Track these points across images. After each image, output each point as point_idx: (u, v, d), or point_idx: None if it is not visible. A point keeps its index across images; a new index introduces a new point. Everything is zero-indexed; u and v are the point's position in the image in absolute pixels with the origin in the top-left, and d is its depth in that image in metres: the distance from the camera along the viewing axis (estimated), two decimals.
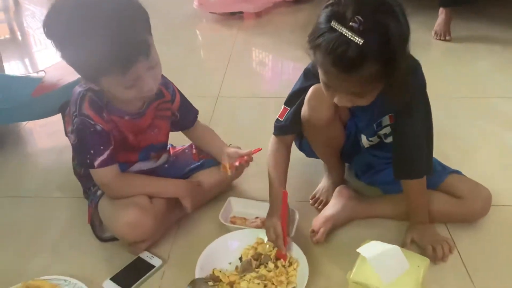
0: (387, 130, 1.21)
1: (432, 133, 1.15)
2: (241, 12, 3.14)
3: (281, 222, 1.11)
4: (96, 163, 1.11)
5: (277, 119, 1.25)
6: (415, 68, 1.06)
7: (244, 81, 2.34)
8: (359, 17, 0.86)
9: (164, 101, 1.23)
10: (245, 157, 1.23)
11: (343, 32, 0.87)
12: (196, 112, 1.35)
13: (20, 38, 3.28)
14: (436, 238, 1.16)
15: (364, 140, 1.27)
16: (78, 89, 1.13)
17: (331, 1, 0.92)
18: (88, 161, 1.11)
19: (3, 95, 1.56)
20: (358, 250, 1.00)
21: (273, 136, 1.28)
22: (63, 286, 1.05)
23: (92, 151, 1.11)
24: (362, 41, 0.86)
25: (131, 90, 1.04)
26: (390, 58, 0.90)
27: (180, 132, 1.38)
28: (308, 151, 1.39)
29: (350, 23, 0.87)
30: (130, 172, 1.24)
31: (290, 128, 1.24)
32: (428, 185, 1.18)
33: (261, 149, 1.24)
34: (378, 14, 0.88)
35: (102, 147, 1.11)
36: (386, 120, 1.19)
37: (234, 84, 2.24)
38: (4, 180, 1.55)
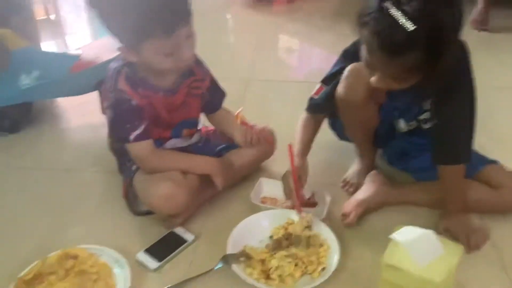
0: (427, 115, 1.19)
1: (474, 120, 1.13)
2: None
3: (292, 176, 1.17)
4: (131, 137, 1.13)
5: (311, 96, 1.27)
6: (462, 52, 1.04)
7: (275, 65, 2.33)
8: (415, 3, 0.84)
9: (196, 79, 1.25)
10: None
11: (395, 15, 0.86)
12: (223, 94, 1.36)
13: (54, 19, 3.34)
14: (470, 227, 1.14)
15: (402, 124, 1.25)
16: (114, 64, 1.16)
17: None
18: (124, 135, 1.14)
19: (42, 70, 1.60)
20: (391, 236, 0.99)
21: (304, 112, 1.29)
22: (99, 255, 1.08)
23: (128, 126, 1.13)
24: (413, 28, 0.85)
25: (169, 58, 1.06)
26: (437, 50, 0.88)
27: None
28: (341, 132, 1.38)
29: (404, 7, 0.85)
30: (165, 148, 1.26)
31: (323, 107, 1.25)
32: (465, 174, 1.16)
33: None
34: (434, 3, 0.86)
35: (137, 122, 1.14)
36: (427, 104, 1.17)
37: (265, 68, 2.23)
38: (41, 153, 1.60)
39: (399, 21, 0.85)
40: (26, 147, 1.63)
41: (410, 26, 0.85)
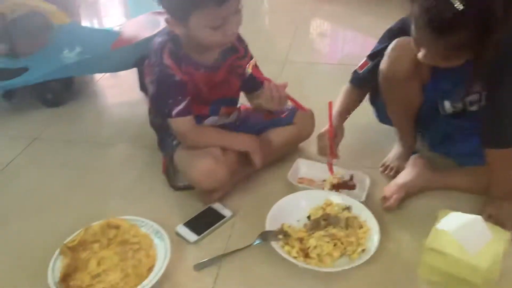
0: (474, 97, 1.15)
1: None
2: None
3: (329, 133, 1.20)
4: (174, 113, 1.14)
5: (356, 70, 1.28)
6: None
7: (312, 47, 2.30)
8: None
9: (238, 57, 1.24)
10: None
11: None
12: (264, 78, 1.32)
13: None
14: None
15: (447, 106, 1.21)
16: (158, 39, 1.16)
17: None
18: (166, 110, 1.15)
19: (84, 46, 1.63)
20: (438, 225, 0.97)
21: (347, 84, 1.31)
22: (140, 226, 1.10)
23: (170, 101, 1.14)
24: (462, 7, 0.84)
25: (216, 31, 1.05)
26: (485, 30, 0.86)
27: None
28: (381, 113, 1.36)
29: None
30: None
31: (367, 81, 1.24)
32: None
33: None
34: None
35: (180, 97, 1.14)
36: (476, 86, 1.13)
37: (301, 50, 2.21)
38: (82, 128, 1.64)
39: None
40: (68, 121, 1.67)
41: (459, 5, 0.84)
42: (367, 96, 1.38)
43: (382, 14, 2.45)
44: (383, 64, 1.17)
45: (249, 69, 1.16)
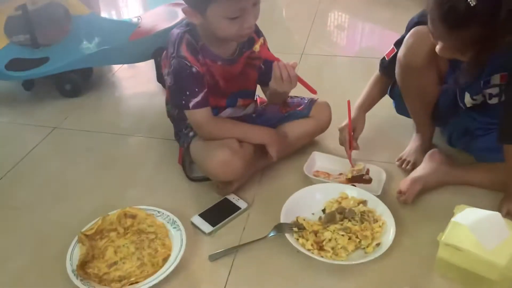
0: (494, 90, 1.13)
1: None
2: None
3: (348, 127, 1.25)
4: (191, 104, 1.14)
5: (383, 57, 1.29)
6: None
7: (329, 40, 2.28)
8: None
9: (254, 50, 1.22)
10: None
11: None
12: None
13: None
14: None
15: (467, 98, 1.19)
16: (176, 30, 1.16)
17: None
18: (183, 102, 1.15)
19: (103, 37, 1.65)
20: (454, 219, 0.96)
21: (376, 72, 1.34)
22: (156, 216, 1.12)
23: (187, 93, 1.14)
24: (475, 3, 0.84)
25: (234, 23, 1.05)
26: (495, 26, 0.86)
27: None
28: (398, 102, 1.36)
29: None
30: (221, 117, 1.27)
31: (392, 68, 1.23)
32: None
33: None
34: None
35: (197, 89, 1.14)
36: (496, 78, 1.11)
37: (319, 43, 2.19)
38: (100, 118, 1.66)
39: None
40: (86, 111, 1.70)
41: (472, 1, 0.84)
42: None
43: (401, 7, 2.42)
44: (400, 52, 1.17)
45: (257, 48, 1.13)
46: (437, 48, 1.00)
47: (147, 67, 1.85)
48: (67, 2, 1.61)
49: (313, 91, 1.15)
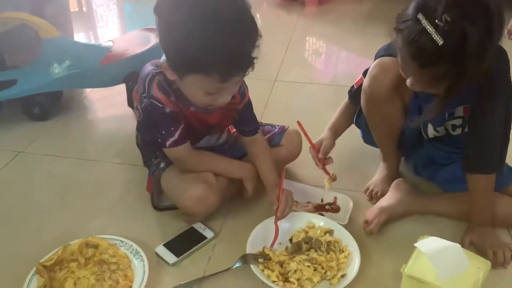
0: (457, 121, 1.16)
1: (509, 131, 1.10)
2: None
3: (310, 145, 1.28)
4: (167, 143, 1.11)
5: (353, 86, 1.32)
6: (498, 56, 1.01)
7: (302, 67, 2.32)
8: (447, 17, 0.85)
9: (233, 102, 1.15)
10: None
11: (427, 28, 0.87)
12: (256, 126, 1.25)
13: (86, 12, 3.41)
14: (497, 243, 1.11)
15: (430, 130, 1.22)
16: (149, 67, 1.10)
17: None
18: (160, 139, 1.11)
19: (73, 61, 1.63)
20: (416, 244, 0.97)
21: (346, 100, 1.37)
22: (119, 246, 1.09)
23: (163, 132, 1.10)
24: (442, 42, 0.86)
25: (208, 96, 1.00)
26: (463, 62, 0.88)
27: None
28: (365, 132, 1.38)
29: (437, 21, 0.86)
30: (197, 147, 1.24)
31: (359, 97, 1.25)
32: (495, 187, 1.12)
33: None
34: (467, 19, 0.85)
35: (172, 128, 1.10)
36: (459, 111, 1.14)
37: (292, 69, 2.22)
38: (68, 142, 1.63)
39: (431, 34, 0.86)
40: (54, 135, 1.66)
41: (439, 40, 0.86)
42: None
43: (373, 36, 2.49)
44: (365, 82, 1.19)
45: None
46: (408, 82, 1.01)
47: (120, 90, 1.84)
48: (38, 25, 1.59)
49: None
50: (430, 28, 0.87)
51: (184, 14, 0.89)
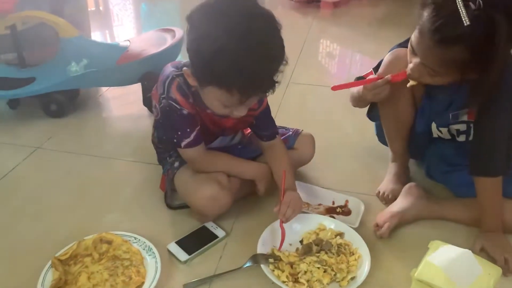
0: (461, 126, 1.16)
1: None
2: (318, 1, 3.11)
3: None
4: (183, 144, 1.13)
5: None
6: (508, 64, 1.00)
7: (316, 69, 2.32)
8: (481, 2, 0.84)
9: (251, 108, 1.13)
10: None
11: (458, 4, 0.86)
12: (274, 131, 1.26)
13: (103, 10, 3.46)
14: (508, 249, 1.10)
15: (433, 128, 1.22)
16: (169, 68, 1.12)
17: None
18: (175, 140, 1.13)
19: (91, 59, 1.66)
20: (428, 258, 0.97)
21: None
22: (133, 242, 1.11)
23: (179, 133, 1.12)
24: (468, 23, 0.85)
25: (226, 108, 1.01)
26: (483, 55, 0.87)
27: None
28: (379, 129, 1.38)
29: (470, 1, 0.85)
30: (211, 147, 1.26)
31: None
32: (503, 193, 1.12)
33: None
34: (500, 9, 0.84)
35: (188, 129, 1.11)
36: (463, 114, 1.14)
37: (305, 72, 2.23)
38: (84, 140, 1.66)
39: (460, 11, 0.85)
40: (70, 132, 1.69)
41: (466, 20, 0.85)
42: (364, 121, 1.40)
43: (388, 39, 2.48)
44: (380, 69, 1.20)
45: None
46: (411, 65, 1.01)
47: (135, 89, 1.86)
48: (57, 24, 1.62)
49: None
50: (461, 6, 0.86)
51: (218, 29, 0.89)
